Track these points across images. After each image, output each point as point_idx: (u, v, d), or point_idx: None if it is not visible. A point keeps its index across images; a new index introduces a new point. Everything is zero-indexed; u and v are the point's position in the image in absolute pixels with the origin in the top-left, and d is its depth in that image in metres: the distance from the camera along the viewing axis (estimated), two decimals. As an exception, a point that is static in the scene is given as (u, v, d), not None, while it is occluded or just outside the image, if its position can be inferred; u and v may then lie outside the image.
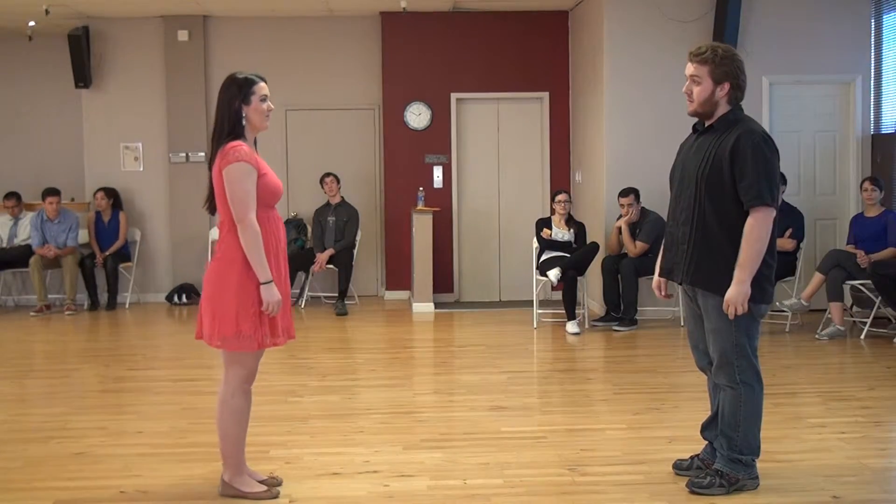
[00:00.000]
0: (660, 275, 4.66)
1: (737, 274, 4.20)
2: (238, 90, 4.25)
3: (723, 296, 4.26)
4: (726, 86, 4.35)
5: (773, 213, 4.22)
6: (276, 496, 4.39)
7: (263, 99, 4.31)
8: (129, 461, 4.98)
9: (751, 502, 4.27)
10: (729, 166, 4.23)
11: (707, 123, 4.43)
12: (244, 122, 4.26)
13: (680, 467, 4.68)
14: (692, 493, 4.38)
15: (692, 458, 4.69)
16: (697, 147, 4.44)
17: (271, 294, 4.14)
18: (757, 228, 4.19)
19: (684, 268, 4.42)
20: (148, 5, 10.84)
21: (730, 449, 4.41)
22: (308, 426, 5.66)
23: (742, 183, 4.20)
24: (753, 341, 4.38)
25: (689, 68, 4.39)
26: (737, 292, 4.20)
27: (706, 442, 4.67)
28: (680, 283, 4.50)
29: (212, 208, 4.37)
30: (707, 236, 4.31)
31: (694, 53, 4.39)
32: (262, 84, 4.32)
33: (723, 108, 4.38)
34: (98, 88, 11.46)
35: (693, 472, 4.59)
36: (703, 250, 4.33)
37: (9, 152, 12.06)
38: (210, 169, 4.30)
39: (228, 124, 4.24)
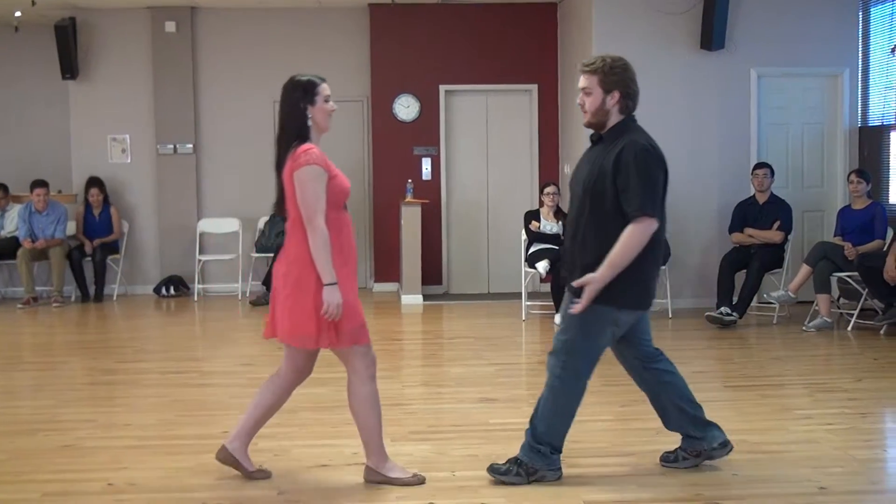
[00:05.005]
0: (561, 284, 4.64)
1: (601, 268, 4.17)
2: (303, 93, 4.29)
3: (581, 294, 4.23)
4: (616, 94, 4.33)
5: (654, 224, 4.18)
6: (422, 481, 4.42)
7: (327, 99, 4.34)
8: (118, 453, 4.97)
9: (737, 493, 4.29)
10: (612, 178, 4.21)
11: (601, 134, 4.41)
12: (310, 124, 4.28)
13: (667, 460, 4.69)
14: (493, 477, 4.42)
15: (677, 450, 4.70)
16: (588, 158, 4.44)
17: (333, 296, 4.16)
18: (634, 236, 4.16)
19: (569, 272, 4.40)
20: (135, -4, 10.82)
21: (532, 437, 4.44)
22: (297, 418, 5.65)
23: (624, 194, 4.18)
24: (591, 348, 4.35)
25: (581, 80, 4.39)
26: (592, 280, 4.17)
27: (680, 434, 4.67)
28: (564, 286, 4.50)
29: (280, 210, 4.38)
30: (585, 243, 4.28)
31: (584, 64, 4.39)
32: (325, 85, 4.35)
33: (615, 118, 4.36)
34: (85, 80, 11.41)
35: (680, 462, 4.61)
36: (582, 254, 4.30)
37: (-5, 144, 12.02)
38: (278, 173, 4.32)
39: (295, 127, 4.28)
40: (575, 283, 4.23)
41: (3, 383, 6.96)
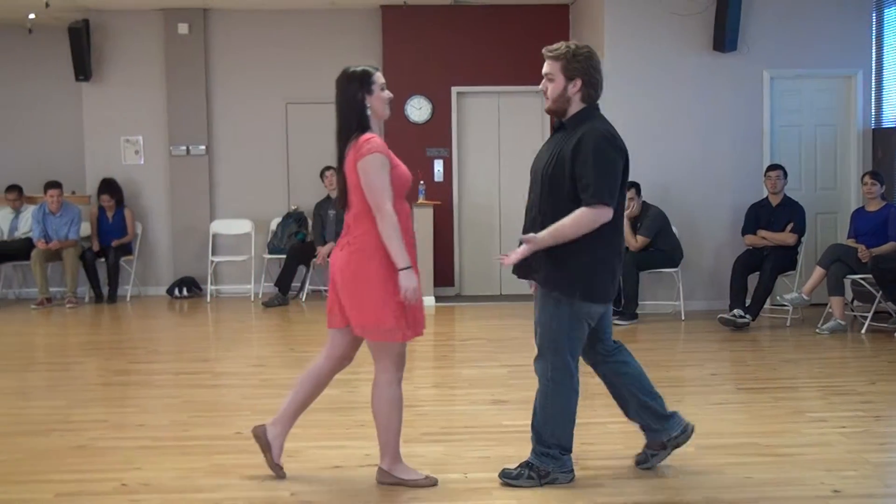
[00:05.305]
0: (513, 272, 4.63)
1: (543, 232, 4.20)
2: (360, 83, 4.32)
3: (550, 290, 4.28)
4: (578, 82, 4.32)
5: (608, 213, 4.18)
6: (434, 483, 4.43)
7: (383, 87, 4.37)
8: (131, 454, 4.99)
9: (750, 496, 4.27)
10: (570, 165, 4.21)
11: (562, 121, 4.42)
12: (368, 113, 4.30)
13: (641, 463, 4.69)
14: (504, 483, 4.42)
15: (644, 449, 4.68)
16: (549, 145, 4.45)
17: (410, 280, 4.17)
18: (585, 216, 4.15)
19: (524, 261, 4.40)
20: (148, -2, 10.87)
21: (538, 443, 4.44)
22: (309, 420, 5.62)
23: (582, 182, 4.17)
24: (573, 343, 4.35)
25: (544, 66, 4.39)
26: (533, 239, 4.19)
27: (639, 425, 4.66)
28: (519, 277, 4.50)
29: (343, 203, 4.40)
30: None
31: (548, 50, 4.39)
32: (379, 73, 4.39)
33: (576, 106, 4.36)
34: (98, 81, 11.45)
35: (651, 461, 4.59)
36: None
37: (9, 145, 12.03)
38: (340, 166, 4.34)
39: (355, 118, 4.30)
40: (522, 237, 4.22)
41: (17, 384, 6.99)
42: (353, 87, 4.31)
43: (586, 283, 4.26)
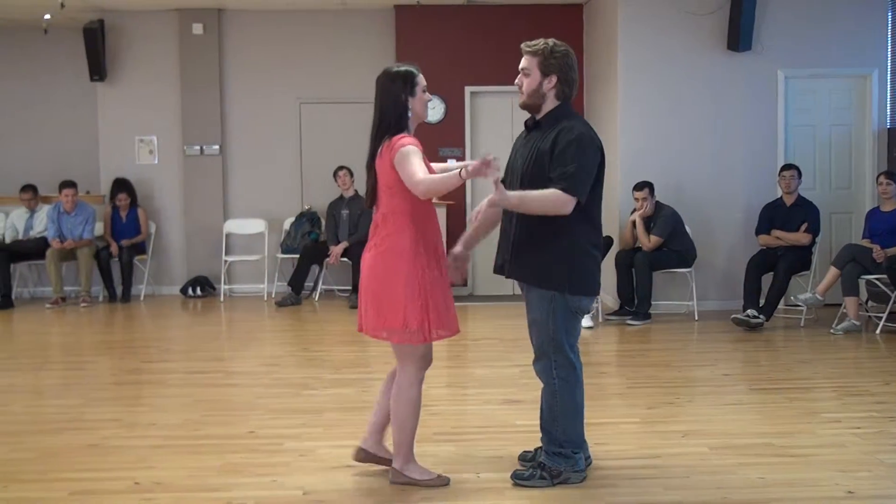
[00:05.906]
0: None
1: (513, 193, 4.20)
2: (403, 83, 4.34)
3: (542, 287, 4.29)
4: (553, 79, 4.34)
5: (572, 203, 4.16)
6: (446, 483, 4.44)
7: (424, 90, 4.40)
8: (143, 453, 5.00)
9: (764, 496, 4.26)
10: (549, 162, 4.23)
11: (537, 119, 4.43)
12: (409, 115, 4.33)
13: (524, 458, 4.69)
14: (516, 484, 4.41)
15: (536, 449, 4.67)
16: (525, 143, 4.47)
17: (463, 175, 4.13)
18: (551, 197, 4.15)
19: (508, 261, 4.43)
20: (163, -2, 10.91)
21: (550, 443, 4.44)
22: (322, 419, 5.67)
23: (557, 175, 4.18)
24: (571, 337, 4.37)
25: (522, 61, 4.42)
26: (502, 194, 4.13)
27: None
28: (507, 277, 4.49)
29: (371, 203, 4.40)
30: (530, 231, 4.30)
31: (527, 46, 4.42)
32: (421, 75, 4.41)
33: (551, 103, 4.39)
34: (113, 81, 11.50)
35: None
36: (526, 244, 4.33)
37: (25, 145, 12.09)
38: (369, 166, 4.35)
39: (394, 118, 4.31)
40: (494, 178, 4.16)
41: (31, 382, 7.02)
42: (396, 88, 4.32)
43: (575, 278, 4.28)
